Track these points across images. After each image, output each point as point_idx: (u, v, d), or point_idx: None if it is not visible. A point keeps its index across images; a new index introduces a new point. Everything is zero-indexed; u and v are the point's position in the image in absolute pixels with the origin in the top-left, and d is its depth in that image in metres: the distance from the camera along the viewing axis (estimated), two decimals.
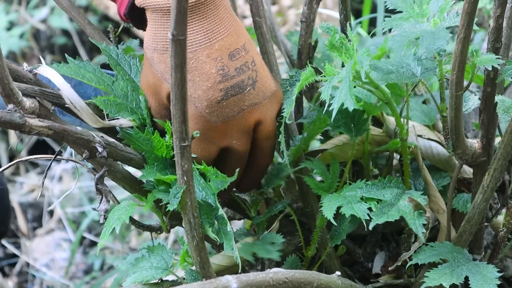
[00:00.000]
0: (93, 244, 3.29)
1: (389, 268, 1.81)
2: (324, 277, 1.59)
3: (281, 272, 1.52)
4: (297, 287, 1.55)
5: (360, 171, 1.88)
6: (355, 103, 1.44)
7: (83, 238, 3.29)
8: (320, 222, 1.72)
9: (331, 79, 1.53)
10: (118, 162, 1.64)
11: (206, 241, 1.64)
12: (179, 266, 1.76)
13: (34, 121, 1.52)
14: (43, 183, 1.59)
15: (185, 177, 1.49)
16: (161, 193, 1.58)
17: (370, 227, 1.61)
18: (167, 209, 1.54)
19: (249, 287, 1.45)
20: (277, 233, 1.74)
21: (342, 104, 1.51)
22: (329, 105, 1.51)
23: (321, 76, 1.58)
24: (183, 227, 1.57)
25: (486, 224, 1.82)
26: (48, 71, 1.60)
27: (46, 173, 1.59)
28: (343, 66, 1.59)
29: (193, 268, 1.63)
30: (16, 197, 3.51)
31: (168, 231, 1.69)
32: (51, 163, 1.57)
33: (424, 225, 1.64)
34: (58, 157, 1.60)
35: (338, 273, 1.64)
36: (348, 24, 1.62)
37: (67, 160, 1.62)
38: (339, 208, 1.64)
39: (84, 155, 1.59)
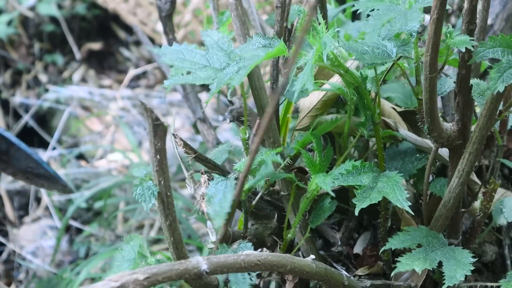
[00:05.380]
0: (79, 231, 3.28)
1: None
2: (298, 260, 1.57)
3: (253, 255, 1.50)
4: (270, 270, 1.53)
5: (339, 151, 1.86)
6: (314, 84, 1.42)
7: (70, 226, 3.27)
8: (303, 205, 1.70)
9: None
10: None
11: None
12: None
13: None
14: None
15: (158, 156, 1.47)
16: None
17: (356, 213, 1.58)
18: None
19: (220, 269, 1.43)
20: (254, 217, 1.73)
21: None
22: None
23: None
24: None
25: (463, 210, 1.81)
26: None
27: None
28: None
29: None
30: (3, 184, 3.50)
31: None
32: None
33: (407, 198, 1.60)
34: None
35: (312, 256, 1.62)
36: (318, 7, 1.61)
37: None
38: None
39: None
